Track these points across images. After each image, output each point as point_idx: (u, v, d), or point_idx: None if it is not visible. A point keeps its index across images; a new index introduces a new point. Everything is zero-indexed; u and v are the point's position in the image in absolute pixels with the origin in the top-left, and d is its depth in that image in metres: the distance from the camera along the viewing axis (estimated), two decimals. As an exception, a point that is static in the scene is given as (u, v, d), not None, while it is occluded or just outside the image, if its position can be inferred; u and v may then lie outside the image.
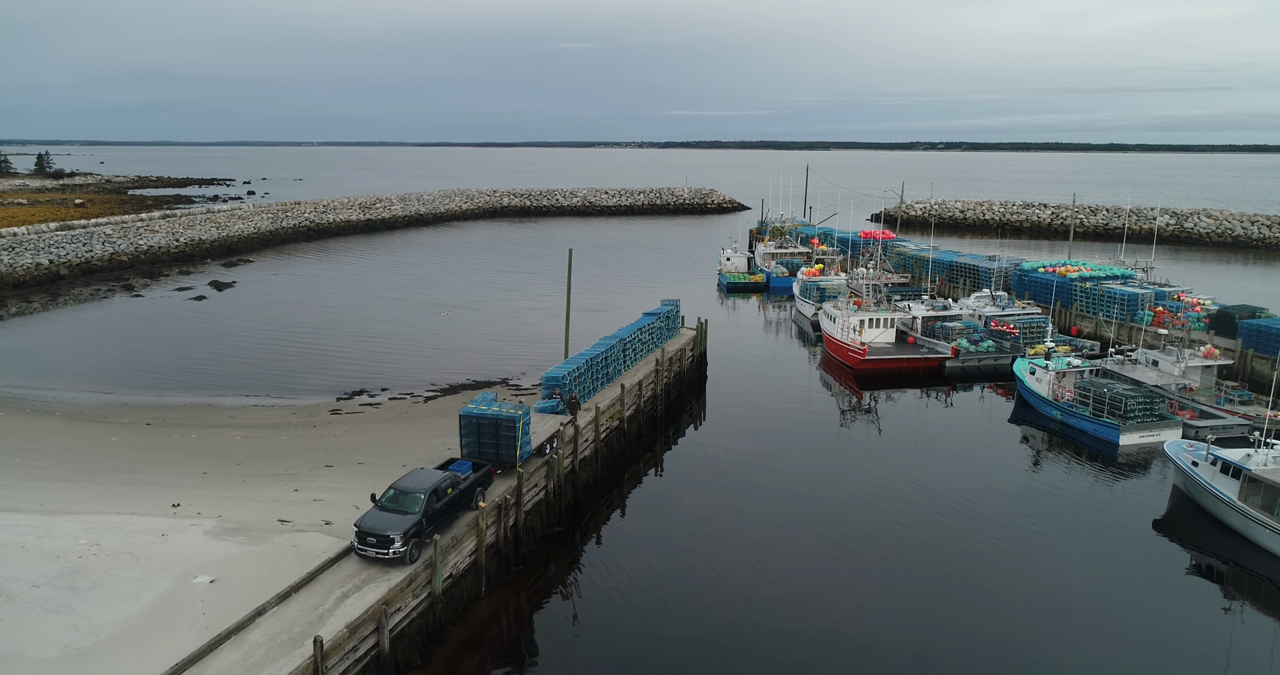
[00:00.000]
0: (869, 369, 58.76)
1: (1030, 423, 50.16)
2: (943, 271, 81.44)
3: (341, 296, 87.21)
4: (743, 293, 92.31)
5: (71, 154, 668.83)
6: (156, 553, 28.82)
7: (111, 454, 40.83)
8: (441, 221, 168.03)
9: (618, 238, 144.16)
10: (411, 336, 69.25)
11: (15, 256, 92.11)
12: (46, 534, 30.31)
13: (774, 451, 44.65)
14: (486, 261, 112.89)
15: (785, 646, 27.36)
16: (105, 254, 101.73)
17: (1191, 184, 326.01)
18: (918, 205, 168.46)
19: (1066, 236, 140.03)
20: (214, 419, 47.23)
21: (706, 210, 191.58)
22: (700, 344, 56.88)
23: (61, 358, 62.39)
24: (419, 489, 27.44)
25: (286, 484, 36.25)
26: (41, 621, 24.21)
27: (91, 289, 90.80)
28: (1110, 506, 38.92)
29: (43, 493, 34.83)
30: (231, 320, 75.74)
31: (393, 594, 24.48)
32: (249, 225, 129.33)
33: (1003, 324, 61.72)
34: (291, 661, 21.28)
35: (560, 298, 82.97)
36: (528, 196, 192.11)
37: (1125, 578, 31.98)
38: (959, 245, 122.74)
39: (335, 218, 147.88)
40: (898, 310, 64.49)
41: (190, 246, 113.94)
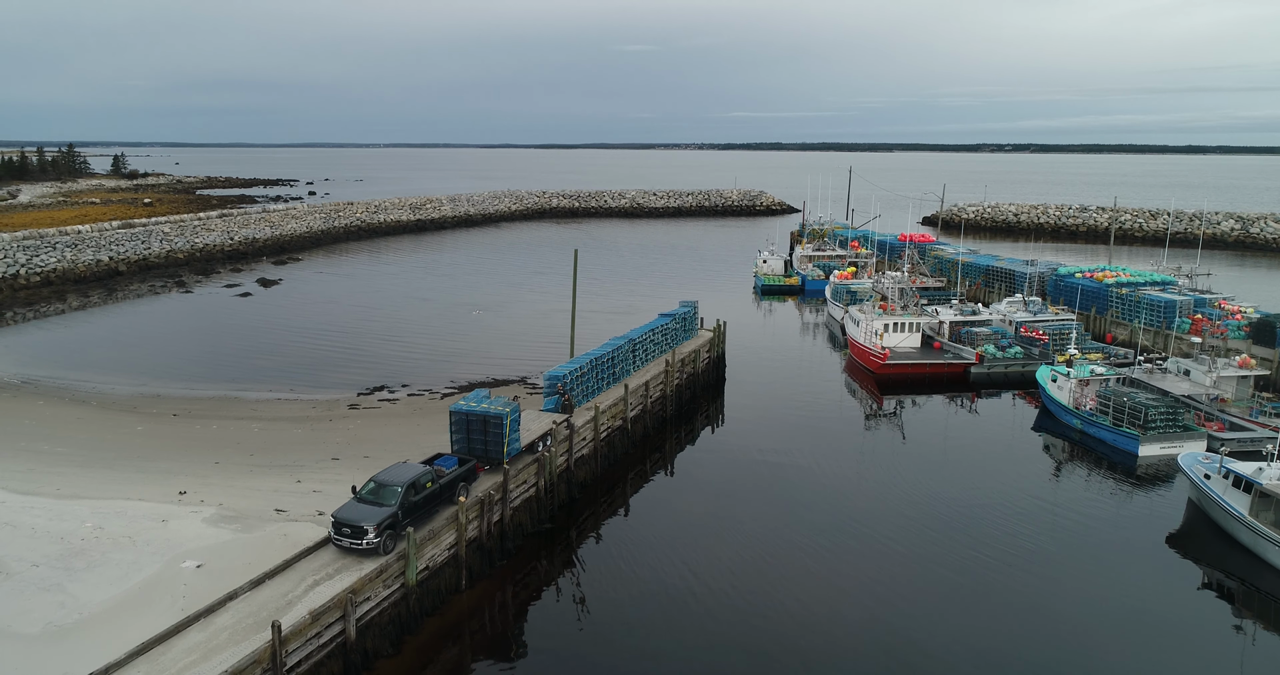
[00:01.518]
0: (890, 374, 57.93)
1: (1051, 432, 48.93)
2: (978, 276, 79.76)
3: (377, 295, 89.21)
4: (777, 295, 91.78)
5: (150, 155, 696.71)
6: (154, 537, 30.08)
7: (134, 443, 42.60)
8: (489, 222, 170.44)
9: (662, 239, 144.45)
10: (438, 335, 70.55)
11: (77, 253, 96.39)
12: (56, 516, 31.87)
13: (787, 455, 44.35)
14: (524, 262, 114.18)
15: (780, 655, 27.03)
16: (162, 252, 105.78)
17: (1266, 187, 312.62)
18: (970, 208, 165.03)
19: (1125, 242, 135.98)
20: (237, 411, 48.87)
21: (755, 212, 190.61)
22: (718, 346, 56.81)
23: (107, 350, 65.16)
24: (397, 482, 28.10)
25: (291, 475, 37.44)
26: (33, 599, 25.52)
27: (147, 285, 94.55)
28: (1124, 520, 37.74)
29: (61, 477, 36.58)
30: (270, 316, 78.19)
31: (360, 583, 25.15)
32: (301, 225, 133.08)
33: (1032, 330, 60.26)
34: (252, 644, 22.03)
35: (588, 299, 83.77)
36: (576, 198, 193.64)
37: (1132, 594, 30.93)
38: (1010, 250, 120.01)
39: (386, 218, 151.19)
40: (924, 315, 63.42)
41: (244, 245, 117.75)
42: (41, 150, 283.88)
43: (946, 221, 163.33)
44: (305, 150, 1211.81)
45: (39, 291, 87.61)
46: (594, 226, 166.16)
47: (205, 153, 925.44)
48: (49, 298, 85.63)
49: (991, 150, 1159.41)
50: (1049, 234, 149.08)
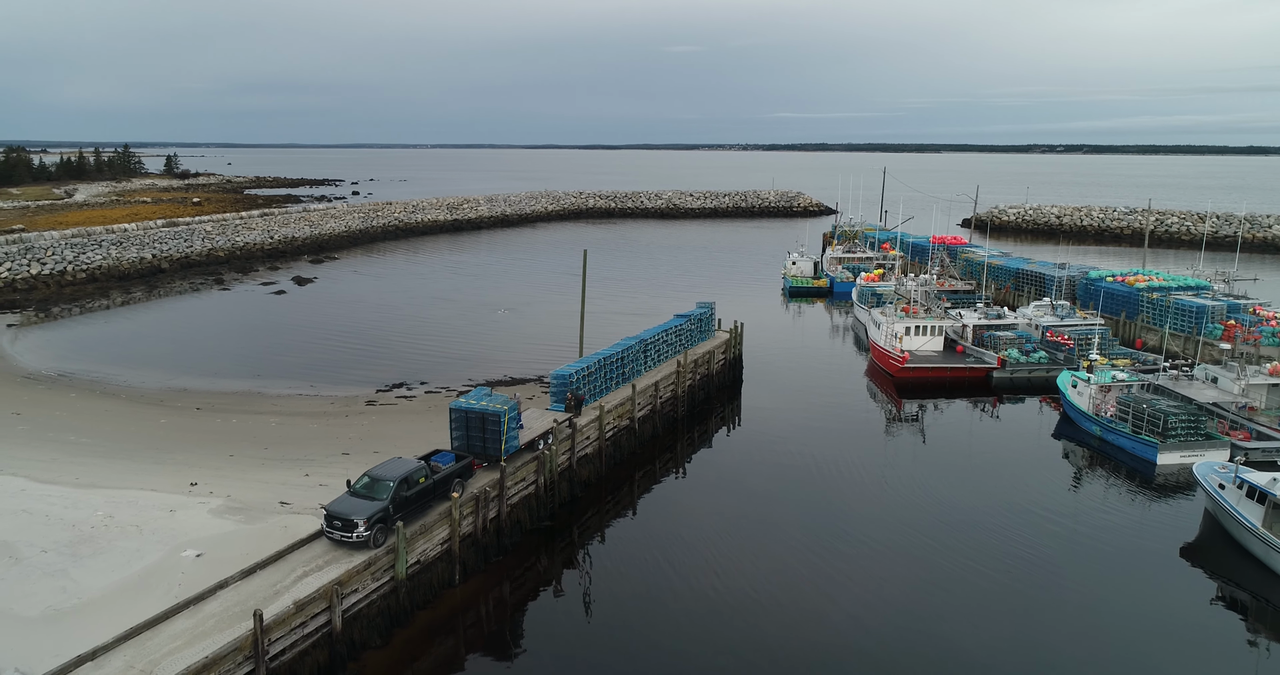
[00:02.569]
0: (909, 377, 57.27)
1: (1071, 438, 47.98)
2: (1008, 279, 78.41)
3: (405, 295, 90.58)
4: (805, 297, 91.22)
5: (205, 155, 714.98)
6: (160, 527, 31.03)
7: (156, 435, 43.88)
8: (525, 223, 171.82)
9: (696, 240, 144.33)
10: (461, 334, 71.40)
11: (122, 251, 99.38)
12: (71, 505, 33.02)
13: (800, 458, 44.13)
14: (556, 262, 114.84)
15: (784, 663, 26.96)
16: (204, 250, 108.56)
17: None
18: (1011, 210, 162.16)
19: (1172, 245, 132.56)
20: (258, 406, 50.03)
21: (792, 214, 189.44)
22: (734, 347, 56.71)
23: (142, 345, 67.09)
24: (389, 477, 28.62)
25: (300, 469, 38.27)
26: (37, 583, 26.52)
27: (188, 282, 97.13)
28: (1138, 529, 36.86)
29: (82, 467, 37.86)
30: (300, 314, 79.88)
31: (347, 575, 25.68)
32: (340, 224, 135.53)
33: (1058, 334, 59.13)
34: (236, 632, 22.63)
35: (613, 300, 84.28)
36: (612, 198, 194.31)
37: (1143, 606, 30.27)
38: (1051, 253, 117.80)
39: (423, 218, 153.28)
40: (947, 318, 62.57)
41: (283, 243, 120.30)
42: (98, 151, 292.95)
43: (986, 223, 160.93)
44: (353, 151, 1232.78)
45: (84, 288, 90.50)
46: (629, 227, 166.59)
47: (257, 153, 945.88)
48: (93, 294, 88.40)
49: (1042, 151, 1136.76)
50: (1092, 237, 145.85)
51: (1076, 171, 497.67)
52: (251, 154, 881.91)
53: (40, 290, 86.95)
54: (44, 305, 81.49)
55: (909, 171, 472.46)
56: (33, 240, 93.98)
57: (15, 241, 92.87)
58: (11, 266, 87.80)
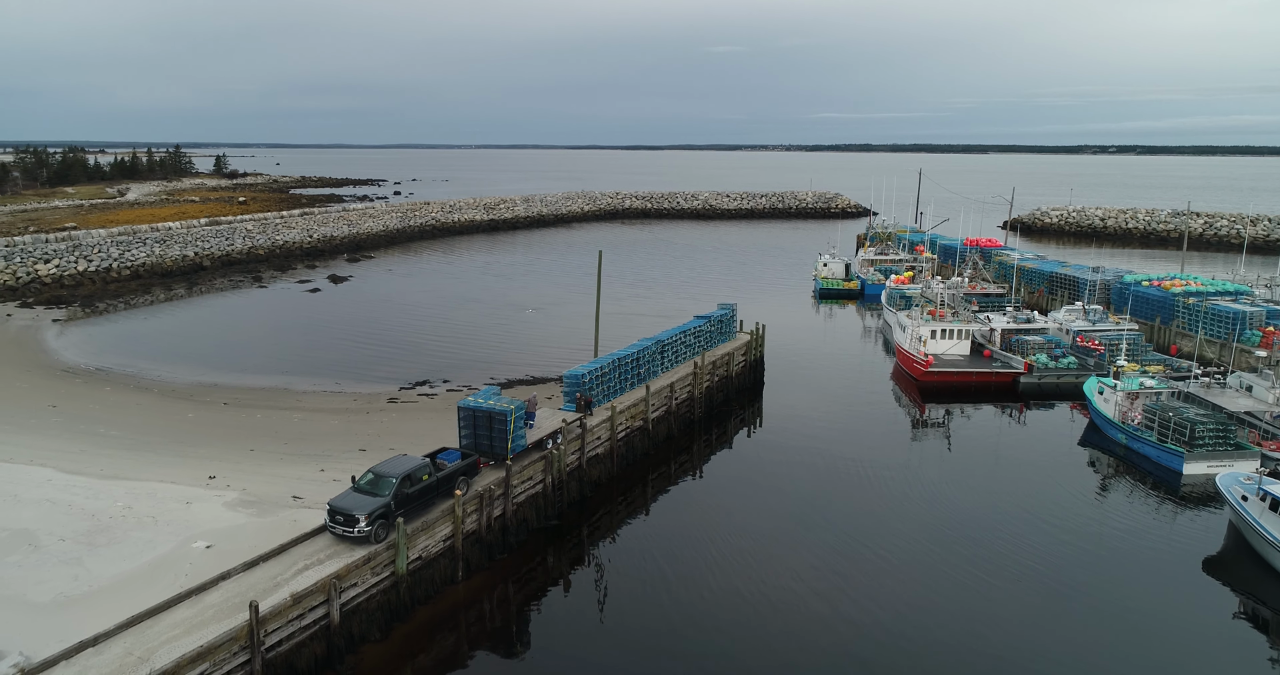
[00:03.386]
0: (933, 381, 56.52)
1: (1098, 446, 46.98)
2: (1041, 282, 76.94)
3: (436, 294, 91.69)
4: (836, 299, 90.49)
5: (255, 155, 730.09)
6: (175, 518, 31.82)
7: (182, 429, 45.01)
8: (561, 223, 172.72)
9: (731, 241, 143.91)
10: (487, 333, 72.05)
11: (165, 248, 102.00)
12: (93, 495, 34.00)
13: (819, 462, 43.86)
14: (587, 262, 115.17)
15: (789, 666, 26.85)
16: (244, 248, 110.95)
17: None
18: (1054, 212, 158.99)
19: (1220, 248, 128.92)
20: (283, 401, 51.03)
21: (830, 215, 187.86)
22: (755, 349, 56.48)
23: (178, 341, 68.82)
24: (392, 474, 29.06)
25: (316, 464, 38.97)
26: (52, 570, 27.37)
27: (227, 279, 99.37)
28: (1160, 542, 35.94)
29: (108, 459, 38.98)
30: (333, 312, 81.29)
31: (346, 570, 26.12)
32: (378, 224, 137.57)
33: (1088, 339, 57.91)
34: (234, 622, 23.18)
35: (639, 301, 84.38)
36: (649, 199, 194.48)
37: (1163, 620, 29.69)
38: (1094, 256, 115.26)
39: (460, 217, 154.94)
40: (975, 321, 61.61)
41: (322, 242, 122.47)
42: (150, 151, 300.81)
43: (1028, 226, 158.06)
44: (399, 151, 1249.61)
45: (128, 284, 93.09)
46: (664, 228, 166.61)
47: (305, 153, 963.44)
48: (136, 290, 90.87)
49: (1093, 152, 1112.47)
50: (1137, 240, 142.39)
51: (1127, 173, 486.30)
52: (300, 154, 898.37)
53: (86, 286, 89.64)
54: (89, 301, 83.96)
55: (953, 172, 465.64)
56: (80, 238, 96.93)
57: (64, 239, 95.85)
58: (60, 263, 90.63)
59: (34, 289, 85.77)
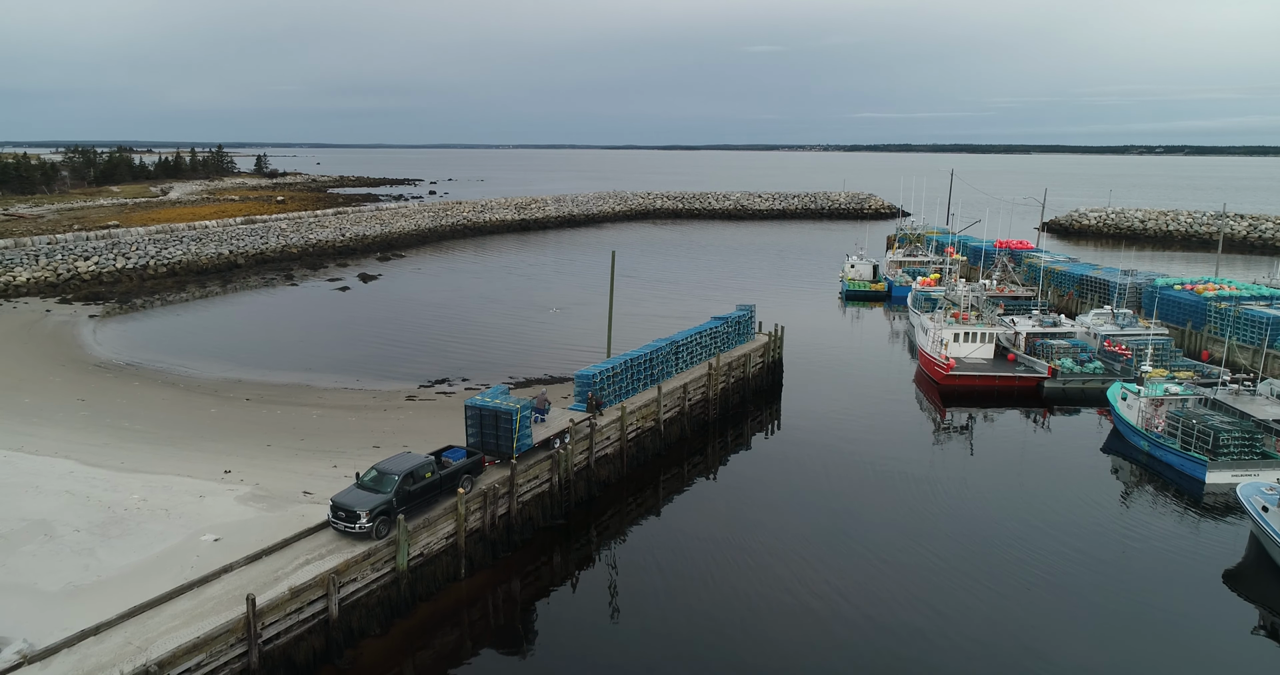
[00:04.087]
0: (953, 385, 55.79)
1: (1121, 454, 46.05)
2: (1071, 285, 75.55)
3: (462, 293, 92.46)
4: (863, 301, 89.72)
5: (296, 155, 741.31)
6: (187, 511, 32.51)
7: (204, 423, 45.91)
8: (592, 223, 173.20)
9: (761, 242, 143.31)
10: (510, 332, 72.54)
11: (201, 247, 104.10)
12: (112, 487, 34.86)
13: (836, 465, 43.54)
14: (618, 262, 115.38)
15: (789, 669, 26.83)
16: (278, 246, 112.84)
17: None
18: (1092, 214, 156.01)
19: (1265, 252, 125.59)
20: (304, 398, 51.82)
21: (863, 216, 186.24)
22: (773, 351, 56.20)
23: (208, 337, 70.24)
24: (395, 471, 29.39)
25: (329, 460, 39.52)
26: (65, 560, 28.12)
27: (260, 277, 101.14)
28: (1180, 553, 35.08)
29: (129, 452, 39.91)
30: (360, 310, 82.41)
31: (345, 565, 26.48)
32: (410, 223, 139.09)
33: (1116, 344, 56.77)
34: (232, 614, 23.62)
35: (661, 303, 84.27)
36: (680, 199, 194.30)
37: (1179, 634, 28.98)
38: (1134, 260, 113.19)
39: (491, 217, 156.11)
40: (999, 325, 60.69)
41: (354, 241, 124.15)
42: (194, 151, 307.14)
43: (1065, 228, 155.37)
44: (438, 151, 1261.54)
45: (164, 281, 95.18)
46: (694, 228, 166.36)
47: (346, 153, 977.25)
48: (171, 287, 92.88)
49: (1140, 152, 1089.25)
50: (1178, 242, 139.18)
51: (1174, 174, 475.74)
52: (341, 154, 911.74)
53: (124, 283, 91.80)
54: (126, 297, 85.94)
55: (992, 173, 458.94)
56: (119, 236, 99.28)
57: (104, 237, 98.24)
58: (99, 261, 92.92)
59: (73, 285, 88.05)
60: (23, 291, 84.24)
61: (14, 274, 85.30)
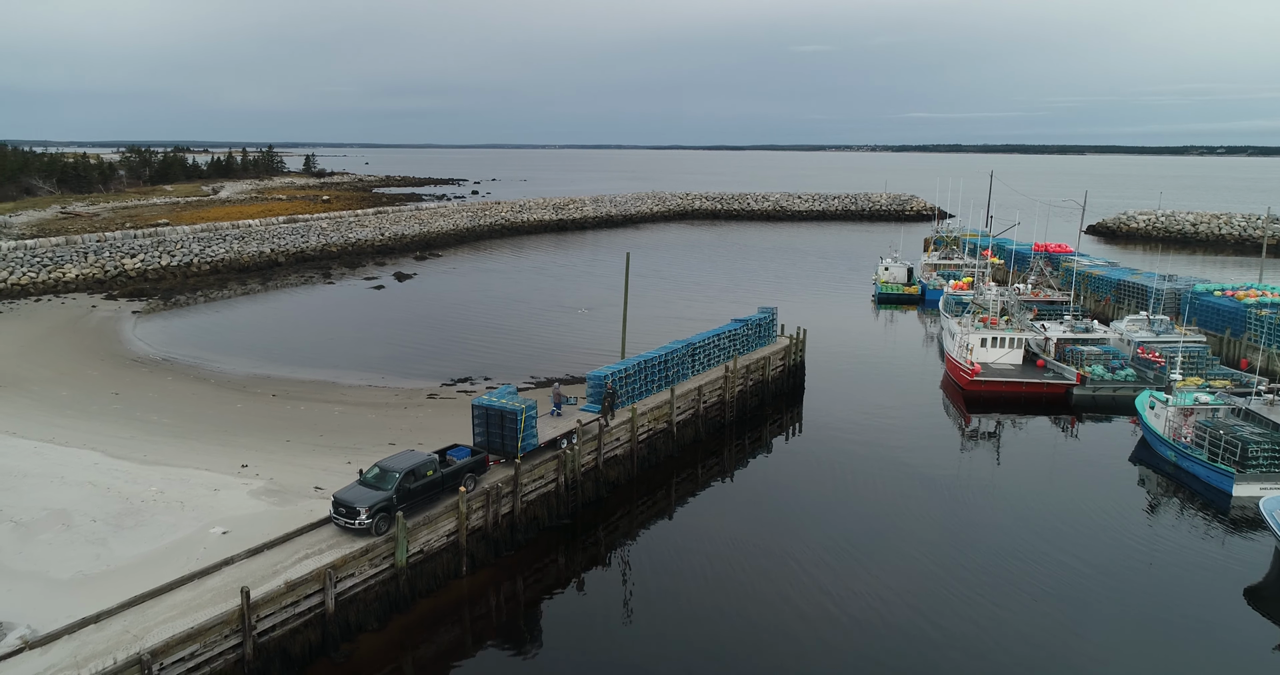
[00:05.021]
0: (979, 391, 54.82)
1: (1148, 464, 44.90)
2: (1108, 290, 73.72)
3: (493, 292, 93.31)
4: (895, 304, 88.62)
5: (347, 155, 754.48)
6: (200, 504, 33.34)
7: (228, 418, 47.03)
8: (630, 223, 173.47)
9: (798, 243, 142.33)
10: (535, 332, 73.04)
11: (244, 245, 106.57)
12: (132, 479, 35.89)
13: (855, 470, 43.00)
14: (644, 264, 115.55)
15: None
16: (318, 245, 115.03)
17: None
18: (1140, 217, 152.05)
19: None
20: (328, 394, 52.80)
21: (904, 217, 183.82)
22: (794, 354, 55.81)
23: (243, 334, 71.90)
24: (397, 469, 29.82)
25: (344, 456, 40.20)
26: (78, 549, 29.04)
27: (299, 276, 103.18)
28: (1202, 567, 34.00)
29: (152, 445, 41.06)
30: (393, 308, 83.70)
31: (342, 560, 26.95)
32: (448, 222, 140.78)
33: (1149, 351, 55.33)
34: (228, 606, 24.20)
35: (688, 305, 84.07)
36: (719, 200, 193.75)
37: (1196, 652, 28.21)
38: (1184, 264, 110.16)
39: (529, 217, 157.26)
40: (1030, 330, 59.49)
41: (392, 240, 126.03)
42: (245, 151, 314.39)
43: (1112, 230, 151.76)
44: (484, 151, 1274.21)
45: (206, 279, 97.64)
46: (732, 229, 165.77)
47: (395, 153, 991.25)
48: (214, 285, 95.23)
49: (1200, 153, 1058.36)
50: (1231, 246, 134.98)
51: (1234, 175, 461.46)
52: (390, 154, 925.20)
53: (168, 280, 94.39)
54: (169, 294, 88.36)
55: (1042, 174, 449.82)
56: (165, 234, 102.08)
57: (150, 235, 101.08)
58: (145, 258, 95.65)
59: (120, 282, 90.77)
60: (71, 287, 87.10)
61: (64, 271, 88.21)
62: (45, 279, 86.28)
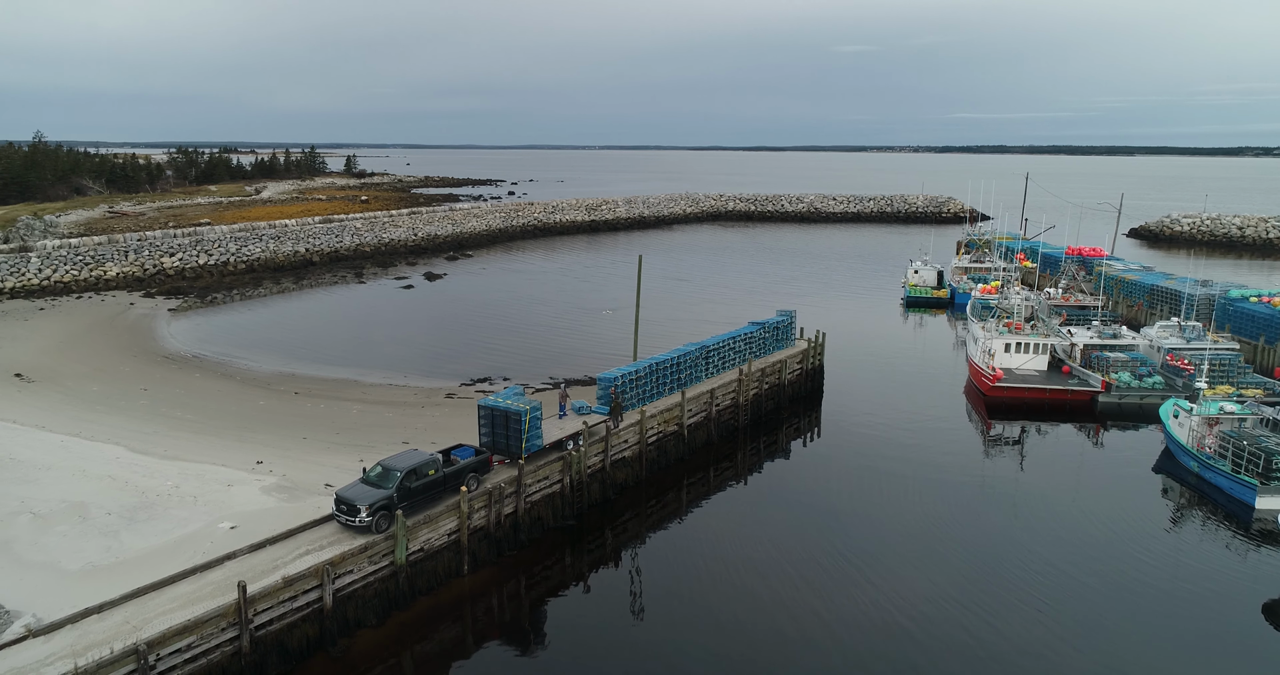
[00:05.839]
0: (1000, 397, 53.97)
1: (1171, 474, 43.89)
2: (1141, 295, 72.08)
3: (519, 293, 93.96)
4: (923, 308, 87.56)
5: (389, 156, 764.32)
6: (213, 499, 34.13)
7: (249, 415, 48.02)
8: (662, 224, 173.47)
9: (831, 245, 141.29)
10: (558, 333, 73.45)
11: (279, 244, 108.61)
12: (150, 474, 36.84)
13: (871, 475, 42.68)
14: (673, 265, 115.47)
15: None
16: (351, 245, 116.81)
17: None
18: (1185, 220, 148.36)
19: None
20: (349, 393, 53.63)
21: (942, 219, 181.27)
22: (813, 358, 55.46)
23: (273, 332, 73.27)
24: (398, 467, 30.26)
25: (357, 454, 40.82)
26: (91, 541, 29.90)
27: (333, 275, 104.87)
28: (1220, 583, 33.06)
29: (173, 440, 42.09)
30: (420, 307, 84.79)
31: (340, 557, 27.41)
32: (481, 223, 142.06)
33: (1179, 358, 54.04)
34: (227, 599, 24.76)
35: (712, 308, 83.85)
36: (753, 201, 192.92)
37: (1211, 668, 27.62)
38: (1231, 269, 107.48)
39: (561, 218, 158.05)
40: (1055, 335, 58.44)
41: (425, 241, 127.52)
42: (288, 151, 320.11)
43: (1155, 234, 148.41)
44: (525, 152, 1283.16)
45: (242, 277, 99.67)
46: (765, 231, 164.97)
47: (437, 154, 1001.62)
48: (248, 283, 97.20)
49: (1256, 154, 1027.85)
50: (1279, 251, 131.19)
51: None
52: (432, 154, 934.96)
53: (204, 279, 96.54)
54: (205, 292, 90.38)
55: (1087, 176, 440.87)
56: (203, 234, 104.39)
57: (189, 234, 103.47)
58: (183, 257, 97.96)
59: (158, 280, 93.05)
60: (112, 285, 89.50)
61: (105, 269, 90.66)
62: (87, 277, 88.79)
